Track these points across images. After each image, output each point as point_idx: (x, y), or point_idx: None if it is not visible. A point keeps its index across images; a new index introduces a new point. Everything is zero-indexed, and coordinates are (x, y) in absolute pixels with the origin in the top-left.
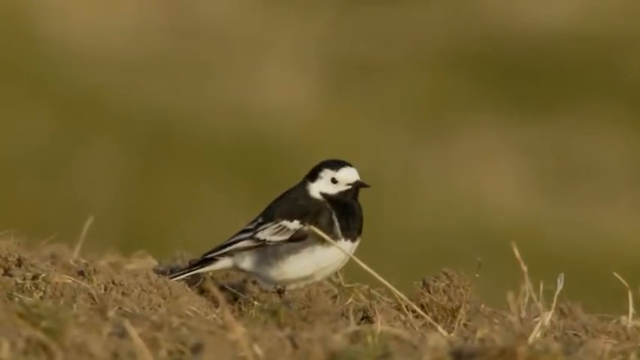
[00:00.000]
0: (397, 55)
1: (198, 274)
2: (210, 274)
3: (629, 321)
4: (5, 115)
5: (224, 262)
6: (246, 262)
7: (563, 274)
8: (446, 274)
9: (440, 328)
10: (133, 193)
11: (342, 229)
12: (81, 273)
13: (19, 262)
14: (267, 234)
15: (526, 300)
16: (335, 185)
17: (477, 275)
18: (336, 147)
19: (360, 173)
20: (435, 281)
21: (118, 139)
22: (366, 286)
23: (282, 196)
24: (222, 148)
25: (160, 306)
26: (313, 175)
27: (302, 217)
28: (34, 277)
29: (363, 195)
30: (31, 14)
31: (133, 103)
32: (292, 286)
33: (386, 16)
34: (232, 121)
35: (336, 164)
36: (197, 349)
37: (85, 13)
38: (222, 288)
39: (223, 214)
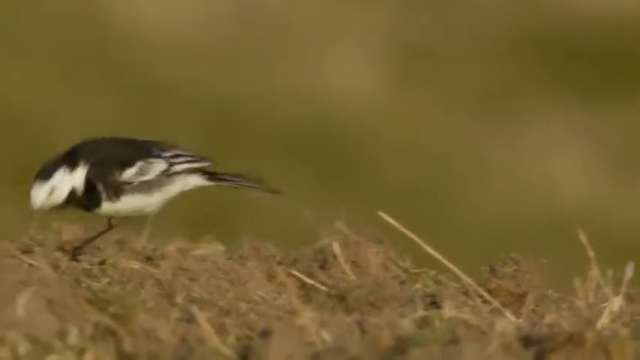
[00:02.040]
0: (462, 42)
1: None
2: (278, 258)
3: None
4: (75, 103)
5: None
6: None
7: (632, 263)
8: (513, 259)
9: (508, 314)
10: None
11: None
12: (148, 259)
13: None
14: None
15: (594, 286)
16: None
17: (544, 261)
18: (403, 134)
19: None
20: (502, 266)
21: (187, 126)
22: (434, 272)
23: None
24: (290, 135)
25: (227, 291)
26: None
27: None
28: (101, 263)
29: (432, 181)
30: (101, 1)
31: (201, 89)
32: None
33: (451, 3)
34: (300, 107)
35: None
36: (265, 334)
37: (153, 0)
38: (290, 274)
39: (290, 201)
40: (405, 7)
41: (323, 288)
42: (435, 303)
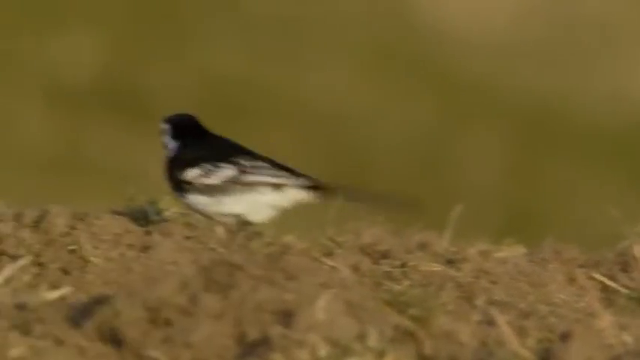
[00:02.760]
0: None
1: None
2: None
3: None
4: (389, 105)
5: None
6: None
7: None
8: None
9: None
10: (511, 181)
11: None
12: (450, 261)
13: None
14: None
15: None
16: None
17: None
18: None
19: None
20: None
21: (497, 126)
22: None
23: None
24: (605, 137)
25: (528, 294)
26: None
27: None
28: (403, 265)
29: None
30: (412, 2)
31: (512, 89)
32: None
33: None
34: (614, 109)
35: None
36: (565, 337)
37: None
38: (590, 277)
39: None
40: None
41: (624, 291)
42: None
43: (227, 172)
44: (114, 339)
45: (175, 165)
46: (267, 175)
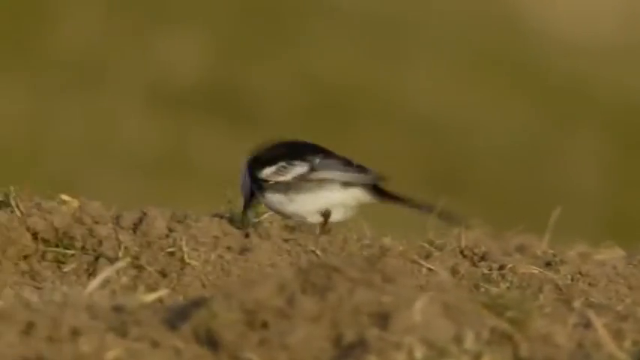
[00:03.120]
0: None
1: None
2: None
3: None
4: (494, 110)
5: None
6: None
7: None
8: None
9: None
10: (610, 183)
11: None
12: (548, 264)
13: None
14: None
15: None
16: None
17: None
18: None
19: None
20: None
21: (597, 129)
22: None
23: None
24: None
25: (626, 296)
26: None
27: None
28: (501, 268)
29: None
30: (518, 6)
31: (613, 92)
32: None
33: None
34: None
35: None
36: None
37: (570, 1)
38: None
39: None
40: None
41: None
42: None
43: (299, 169)
44: (210, 341)
45: (255, 165)
46: (336, 171)
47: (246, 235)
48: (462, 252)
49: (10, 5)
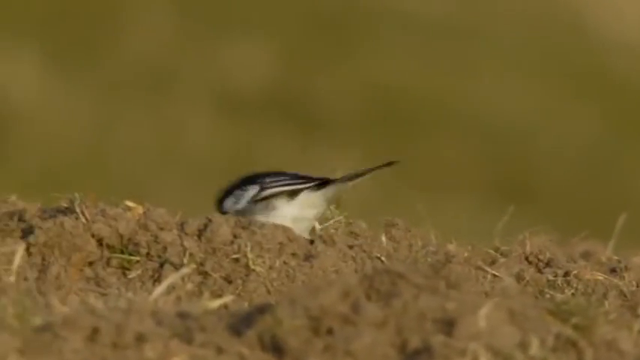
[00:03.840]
0: None
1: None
2: None
3: None
4: (559, 114)
5: None
6: None
7: None
8: None
9: None
10: None
11: None
12: (613, 270)
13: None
14: None
15: None
16: None
17: None
18: None
19: None
20: None
21: None
22: None
23: None
24: None
25: None
26: None
27: None
28: (566, 274)
29: None
30: (580, 6)
31: None
32: None
33: None
34: None
35: None
36: None
37: (636, 4)
38: None
39: None
40: None
41: None
42: None
43: (250, 192)
44: (275, 347)
45: (218, 201)
46: (282, 186)
47: (311, 242)
48: (526, 258)
49: (80, 12)
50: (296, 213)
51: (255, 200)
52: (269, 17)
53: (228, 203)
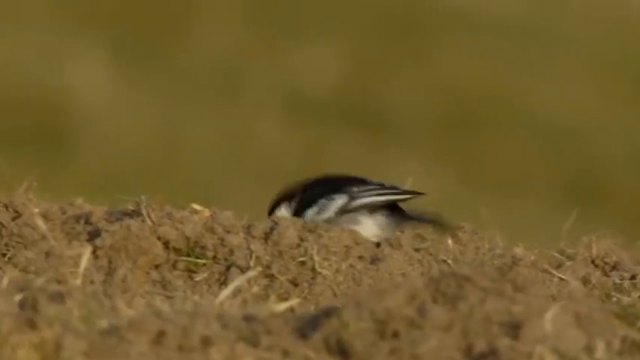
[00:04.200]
0: None
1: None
2: None
3: None
4: (622, 115)
5: None
6: None
7: None
8: None
9: None
10: None
11: None
12: None
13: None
14: None
15: None
16: None
17: None
18: None
19: None
20: None
21: None
22: None
23: None
24: None
25: None
26: None
27: None
28: (632, 277)
29: None
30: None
31: None
32: None
33: None
34: None
35: None
36: None
37: None
38: None
39: None
40: None
41: None
42: None
43: (339, 202)
44: (341, 351)
45: (297, 210)
46: (374, 197)
47: (378, 245)
48: (593, 262)
49: (149, 14)
50: (376, 231)
51: (343, 211)
52: (339, 20)
53: (310, 213)
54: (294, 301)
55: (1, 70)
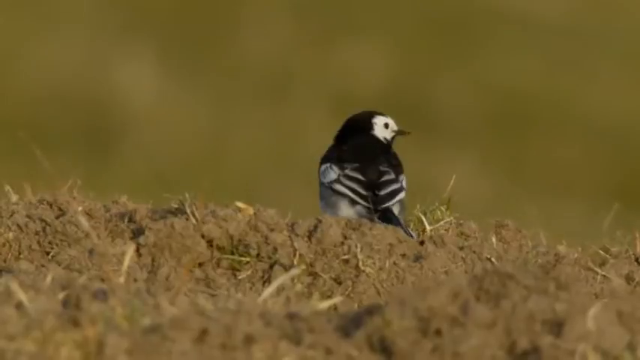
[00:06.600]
0: None
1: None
2: None
3: None
4: None
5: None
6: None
7: None
8: None
9: None
10: None
11: None
12: None
13: None
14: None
15: None
16: (387, 130)
17: None
18: None
19: None
20: None
21: None
22: None
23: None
24: None
25: None
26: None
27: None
28: None
29: None
30: None
31: None
32: None
33: None
34: None
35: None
36: None
37: None
38: None
39: None
40: None
41: None
42: None
43: (332, 174)
44: (384, 348)
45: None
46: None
47: (421, 243)
48: (636, 259)
49: (197, 15)
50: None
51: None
52: (386, 19)
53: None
54: (337, 299)
55: (50, 70)
